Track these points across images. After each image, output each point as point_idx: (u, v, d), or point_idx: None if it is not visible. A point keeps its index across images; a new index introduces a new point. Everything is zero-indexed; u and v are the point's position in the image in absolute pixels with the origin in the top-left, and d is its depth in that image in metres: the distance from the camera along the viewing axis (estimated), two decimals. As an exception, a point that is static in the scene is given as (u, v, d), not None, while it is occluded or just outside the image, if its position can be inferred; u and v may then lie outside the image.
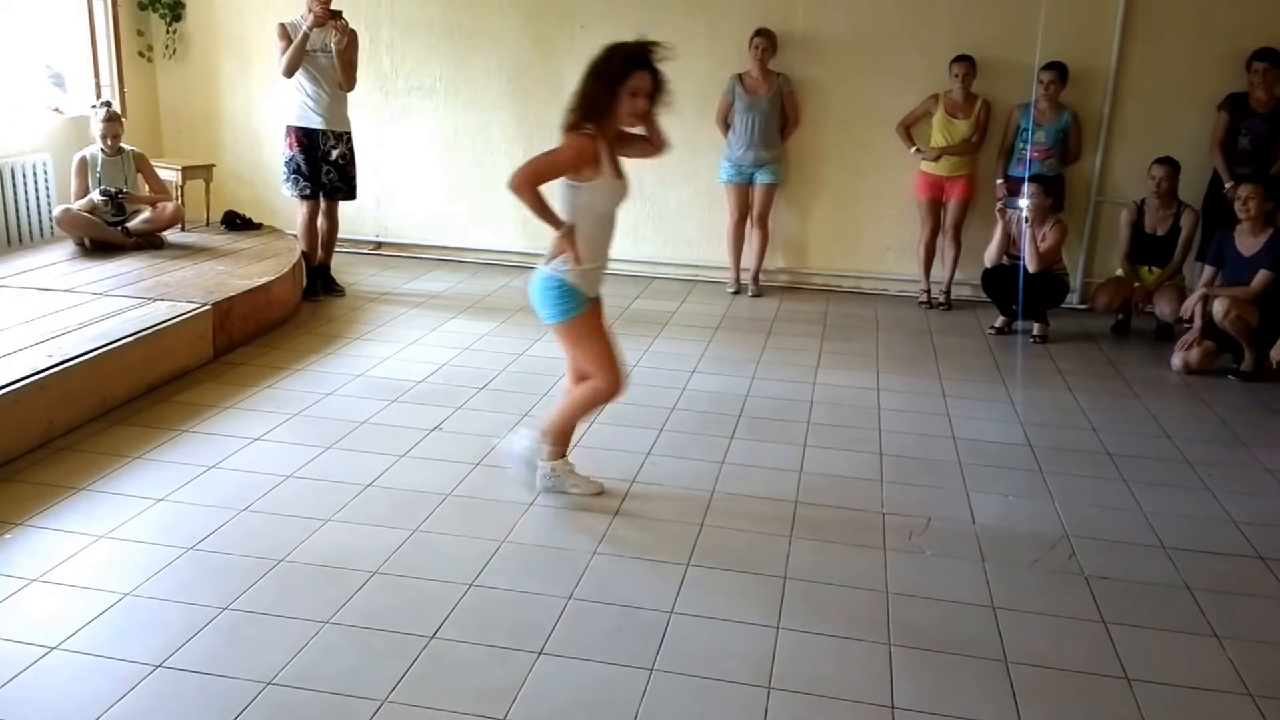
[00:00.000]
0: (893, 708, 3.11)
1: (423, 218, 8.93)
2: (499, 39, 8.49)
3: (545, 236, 4.15)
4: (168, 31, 8.96)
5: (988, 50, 7.81)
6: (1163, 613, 3.74)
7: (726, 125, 8.12)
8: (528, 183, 3.87)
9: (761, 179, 8.11)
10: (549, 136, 4.16)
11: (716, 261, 8.52)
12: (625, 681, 3.18)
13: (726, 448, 5.07)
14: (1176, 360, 6.71)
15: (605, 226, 4.09)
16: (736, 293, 8.32)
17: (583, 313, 4.09)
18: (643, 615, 3.54)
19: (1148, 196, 7.34)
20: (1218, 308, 6.49)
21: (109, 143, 7.44)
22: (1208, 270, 6.86)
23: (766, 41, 7.91)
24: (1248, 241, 6.63)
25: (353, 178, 7.42)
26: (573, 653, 3.31)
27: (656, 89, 3.89)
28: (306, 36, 6.93)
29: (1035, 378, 6.48)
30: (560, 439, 4.37)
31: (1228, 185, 7.27)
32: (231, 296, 6.23)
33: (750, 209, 8.20)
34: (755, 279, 8.36)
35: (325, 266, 7.60)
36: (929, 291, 8.20)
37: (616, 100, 3.85)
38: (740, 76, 8.03)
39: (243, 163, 9.09)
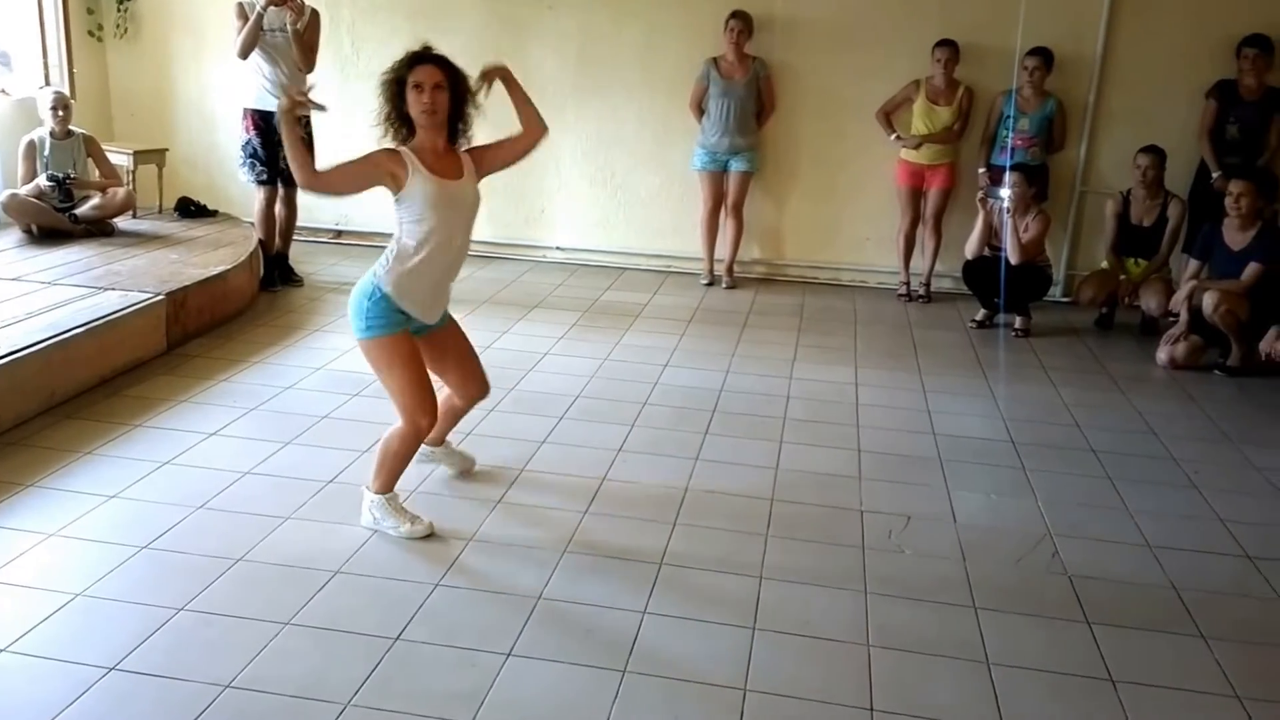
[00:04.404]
0: (871, 709, 3.09)
1: (384, 205, 8.71)
2: (464, 20, 8.32)
3: (514, 226, 4.03)
4: (119, 9, 8.76)
5: (971, 35, 7.73)
6: (1148, 613, 3.71)
7: (701, 111, 8.01)
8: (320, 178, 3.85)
9: (736, 167, 8.01)
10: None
11: (690, 252, 8.43)
12: (597, 684, 3.13)
13: (700, 444, 4.99)
14: (1162, 355, 6.66)
15: (435, 244, 3.82)
16: (710, 284, 8.22)
17: (393, 334, 3.79)
18: (614, 616, 3.50)
19: (1134, 186, 7.28)
20: (1208, 301, 6.44)
21: (57, 125, 7.25)
22: (1194, 264, 6.81)
23: (742, 24, 7.80)
24: (1236, 235, 6.58)
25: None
26: (543, 654, 3.26)
27: (454, 82, 3.77)
28: (261, 16, 6.79)
29: (1017, 372, 6.43)
30: (390, 484, 4.01)
31: (1215, 175, 7.22)
32: (186, 286, 6.09)
33: (725, 198, 8.09)
34: (730, 270, 8.27)
35: (283, 256, 7.46)
36: (908, 283, 8.12)
37: (405, 102, 3.75)
38: (715, 60, 7.92)
39: (197, 147, 8.91)
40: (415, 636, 3.30)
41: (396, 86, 3.77)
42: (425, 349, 3.95)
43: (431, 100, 3.71)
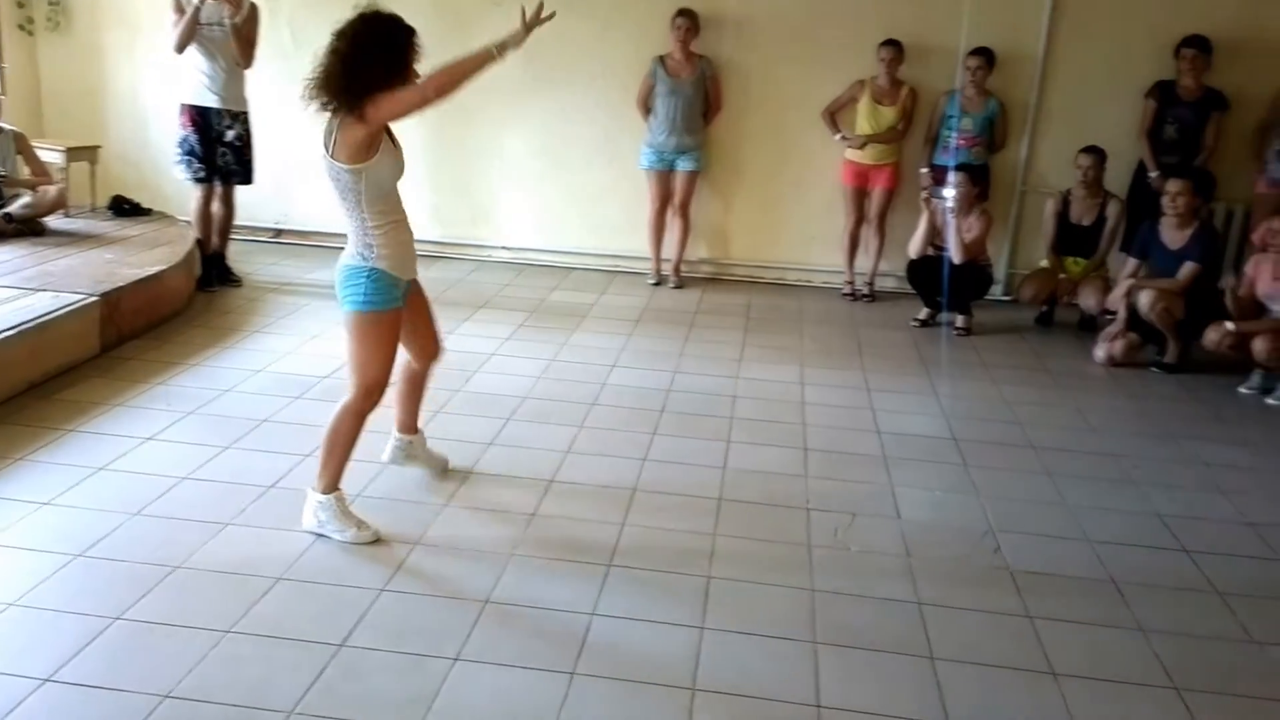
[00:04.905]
0: (819, 706, 3.10)
1: (325, 204, 8.59)
2: (408, 14, 8.18)
3: (460, 225, 4.00)
4: (50, 3, 8.60)
5: (915, 35, 7.76)
6: (1089, 607, 3.76)
7: (648, 109, 8.00)
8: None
9: (684, 166, 7.99)
10: (463, 114, 3.98)
11: (637, 251, 8.40)
12: (545, 686, 3.11)
13: (649, 444, 4.99)
14: (1100, 352, 6.73)
15: (397, 209, 3.86)
16: (657, 284, 8.21)
17: (391, 309, 3.82)
18: (563, 618, 3.49)
19: (1074, 186, 7.35)
20: (1145, 299, 6.51)
21: None
22: (1132, 262, 6.87)
23: (689, 22, 7.78)
24: (1173, 234, 6.65)
25: (249, 161, 7.17)
26: (491, 658, 3.23)
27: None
28: (198, 9, 6.69)
29: (960, 370, 6.48)
30: (337, 477, 3.97)
31: (1154, 175, 7.30)
32: (121, 287, 5.98)
33: (672, 197, 8.09)
34: (677, 270, 8.26)
35: (221, 255, 7.33)
36: (853, 283, 8.15)
37: (410, 69, 3.69)
38: (662, 59, 7.90)
39: (131, 144, 8.74)
40: (361, 642, 3.27)
41: (407, 51, 3.71)
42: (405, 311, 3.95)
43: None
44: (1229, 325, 6.16)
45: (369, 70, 3.60)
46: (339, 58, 3.61)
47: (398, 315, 3.86)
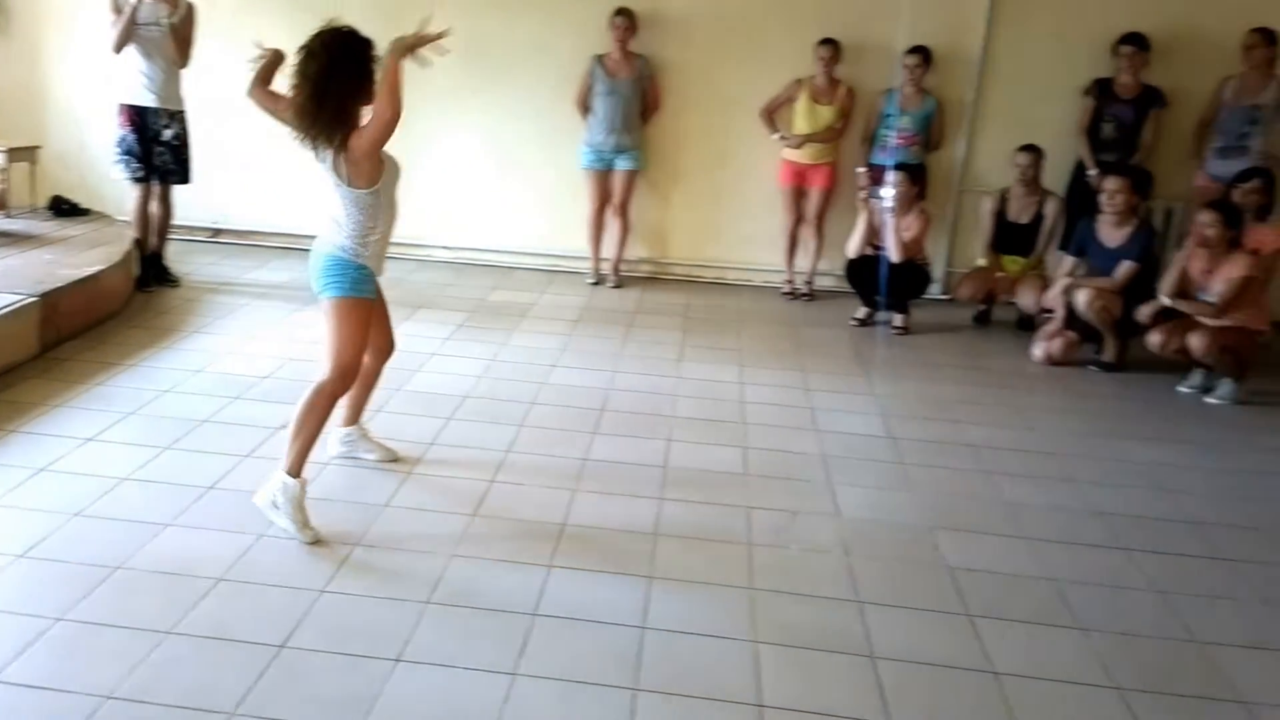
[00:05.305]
0: (761, 706, 3.12)
1: (264, 203, 8.58)
2: (348, 13, 8.12)
3: (399, 224, 4.07)
4: (-12, 4, 8.47)
5: (853, 34, 7.81)
6: (1028, 606, 3.78)
7: (586, 109, 8.00)
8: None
9: (622, 165, 8.01)
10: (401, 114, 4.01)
11: (576, 251, 8.39)
12: (487, 687, 3.12)
13: (590, 444, 4.99)
14: (1038, 351, 6.78)
15: (386, 214, 4.06)
16: (597, 283, 8.21)
17: (371, 298, 4.06)
18: (504, 618, 3.49)
19: (1012, 185, 7.39)
20: (1082, 298, 6.54)
21: None
22: (1069, 260, 6.89)
23: (627, 21, 7.80)
24: (1111, 232, 6.68)
25: (186, 160, 7.12)
26: (432, 659, 3.24)
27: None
28: (136, 10, 6.63)
29: (897, 369, 6.52)
30: (303, 456, 4.01)
31: (1092, 173, 7.35)
32: (60, 288, 5.91)
33: (611, 196, 8.10)
34: (616, 269, 8.28)
35: (159, 255, 7.27)
36: (793, 282, 8.20)
37: (373, 84, 3.79)
38: (601, 58, 7.91)
39: (70, 144, 8.61)
40: (302, 643, 3.26)
41: (369, 66, 3.81)
42: None
43: None
44: (1164, 299, 6.19)
45: (340, 95, 3.75)
46: (310, 86, 3.73)
47: (372, 306, 4.08)
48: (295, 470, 3.93)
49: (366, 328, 4.05)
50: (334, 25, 3.81)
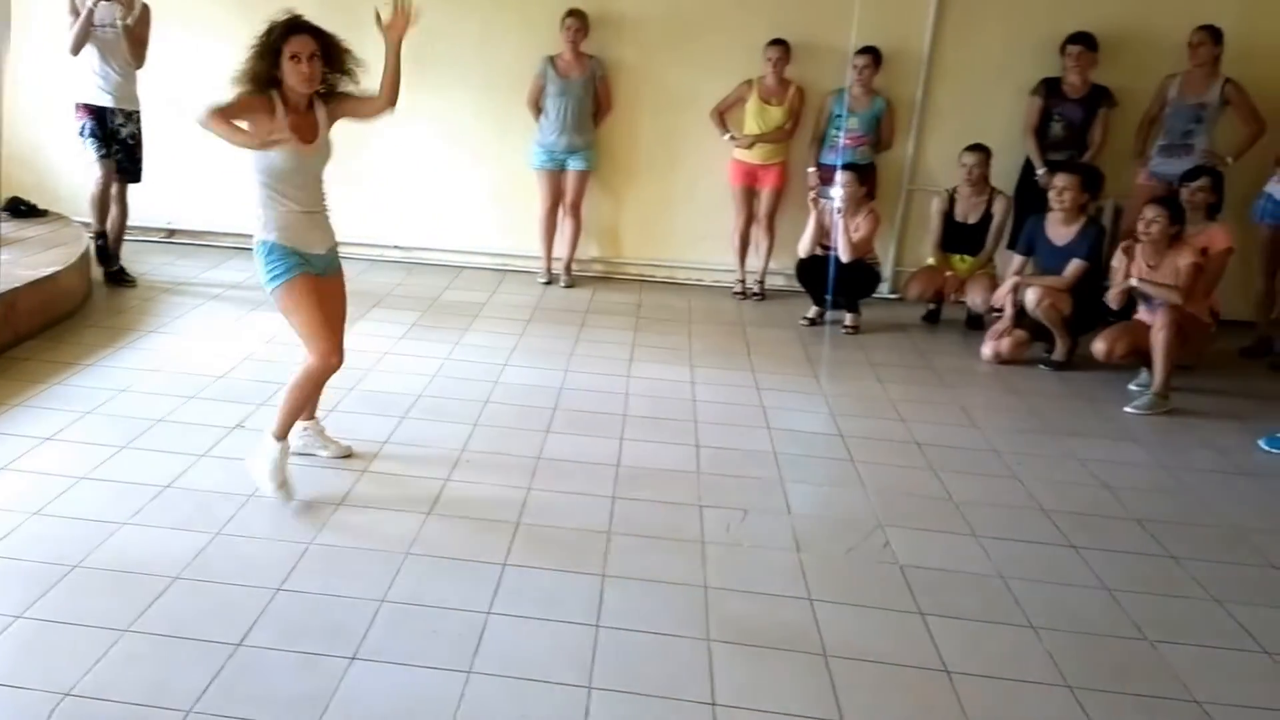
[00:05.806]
0: (714, 704, 3.14)
1: (218, 204, 8.51)
2: (299, 11, 8.13)
3: (350, 224, 4.14)
4: (-59, 4, 8.31)
5: (802, 35, 7.84)
6: (978, 603, 3.82)
7: (538, 109, 8.00)
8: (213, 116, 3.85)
9: (574, 165, 8.02)
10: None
11: (528, 250, 8.39)
12: (442, 685, 3.15)
13: (542, 442, 5.01)
14: (987, 350, 6.81)
15: (290, 195, 4.12)
16: (549, 283, 8.22)
17: (294, 276, 4.09)
18: (459, 617, 3.52)
19: (960, 184, 7.41)
20: (1031, 297, 6.58)
21: None
22: (1018, 259, 6.92)
23: (579, 22, 7.80)
24: (1059, 230, 6.71)
25: (140, 160, 7.18)
26: (387, 657, 3.26)
27: (329, 51, 4.06)
28: (92, 11, 6.64)
29: (847, 369, 6.55)
30: (290, 422, 4.28)
31: (1040, 172, 7.40)
32: (17, 288, 5.90)
33: (563, 196, 8.10)
34: (568, 269, 8.29)
35: (115, 255, 7.25)
36: (744, 281, 8.23)
37: (280, 69, 3.95)
38: (552, 59, 7.91)
39: (26, 145, 8.47)
40: (258, 641, 3.28)
41: (273, 56, 3.92)
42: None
43: (310, 70, 3.94)
44: (1133, 282, 6.17)
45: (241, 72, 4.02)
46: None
47: (305, 279, 4.09)
48: (281, 433, 4.17)
49: (317, 305, 4.12)
50: (295, 18, 4.00)
